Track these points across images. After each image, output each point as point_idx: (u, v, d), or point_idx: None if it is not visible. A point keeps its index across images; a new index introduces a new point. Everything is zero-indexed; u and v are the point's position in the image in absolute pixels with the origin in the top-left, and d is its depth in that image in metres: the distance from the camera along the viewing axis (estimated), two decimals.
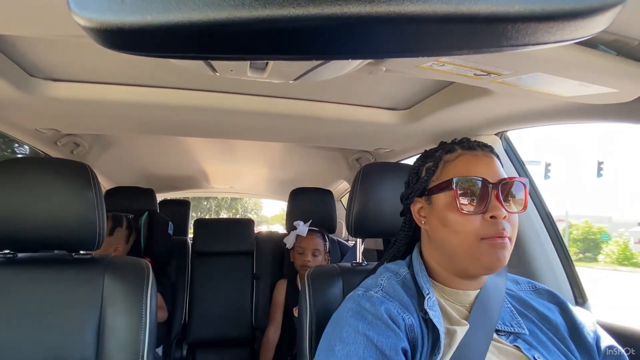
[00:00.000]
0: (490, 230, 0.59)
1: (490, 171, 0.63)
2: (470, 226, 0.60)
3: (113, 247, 1.43)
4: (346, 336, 0.58)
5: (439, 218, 0.64)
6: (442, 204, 0.64)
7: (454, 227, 0.62)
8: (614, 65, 0.61)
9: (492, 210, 0.60)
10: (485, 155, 0.65)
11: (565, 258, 1.15)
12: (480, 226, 0.60)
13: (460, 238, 0.61)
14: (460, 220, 0.61)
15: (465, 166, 0.64)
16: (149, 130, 1.36)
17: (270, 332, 1.64)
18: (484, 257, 0.59)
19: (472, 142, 0.68)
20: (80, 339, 0.77)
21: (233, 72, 0.60)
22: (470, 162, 0.64)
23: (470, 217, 0.60)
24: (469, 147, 0.67)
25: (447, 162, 0.66)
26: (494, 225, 0.59)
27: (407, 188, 0.74)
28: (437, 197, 0.65)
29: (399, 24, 0.22)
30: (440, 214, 0.64)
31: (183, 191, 3.12)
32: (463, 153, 0.66)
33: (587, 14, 0.23)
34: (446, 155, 0.67)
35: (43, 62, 0.89)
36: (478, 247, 0.60)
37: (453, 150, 0.67)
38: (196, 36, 0.23)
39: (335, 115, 1.14)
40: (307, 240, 1.63)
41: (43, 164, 0.83)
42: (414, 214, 0.71)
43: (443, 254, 0.66)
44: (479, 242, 0.60)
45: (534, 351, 0.61)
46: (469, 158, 0.65)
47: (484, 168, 0.63)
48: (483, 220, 0.60)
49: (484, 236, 0.60)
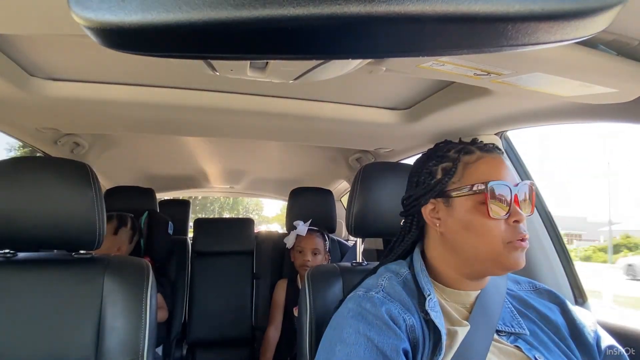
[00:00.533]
0: (515, 235, 0.60)
1: (508, 174, 0.64)
2: (497, 230, 0.61)
3: (117, 246, 1.43)
4: (347, 337, 0.58)
5: (460, 221, 0.64)
6: (465, 207, 0.63)
7: (479, 230, 0.62)
8: (614, 65, 0.61)
9: (515, 215, 0.61)
10: (503, 159, 0.66)
11: (565, 258, 1.15)
12: (505, 230, 0.61)
13: (485, 242, 0.61)
14: (488, 225, 0.61)
15: (488, 170, 0.63)
16: (149, 130, 1.36)
17: (270, 331, 1.64)
18: (509, 261, 0.60)
19: (488, 144, 0.68)
20: (79, 338, 0.77)
21: (233, 71, 0.60)
22: (493, 166, 0.64)
23: (498, 222, 0.61)
24: (486, 149, 0.66)
25: (468, 164, 0.65)
26: (517, 229, 0.61)
27: (417, 188, 0.70)
28: (459, 200, 0.64)
29: (399, 24, 0.22)
30: (463, 217, 0.63)
31: (183, 191, 3.12)
32: (482, 156, 0.65)
33: (587, 14, 0.23)
34: (465, 157, 0.66)
35: (43, 62, 0.89)
36: (504, 250, 0.60)
37: (471, 152, 0.66)
38: (196, 35, 0.23)
39: (336, 115, 1.14)
40: (306, 239, 1.63)
41: (43, 163, 0.83)
42: (425, 216, 0.69)
43: (460, 257, 0.65)
44: (505, 246, 0.61)
45: (534, 351, 0.61)
46: (489, 161, 0.65)
47: (504, 171, 0.64)
48: (507, 225, 0.61)
49: (509, 240, 0.60)
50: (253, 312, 1.87)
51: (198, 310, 1.84)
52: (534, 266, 1.14)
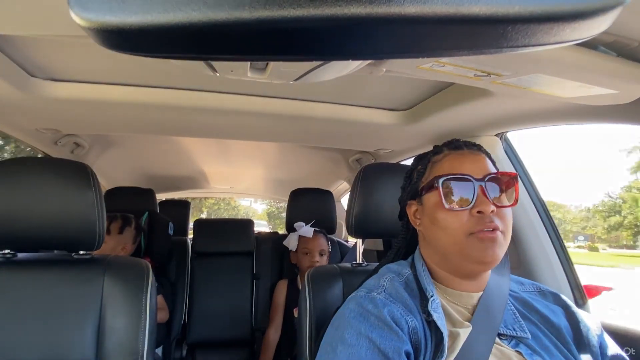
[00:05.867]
0: (478, 225, 0.60)
1: (475, 167, 0.63)
2: (457, 222, 0.61)
3: (121, 245, 1.44)
4: (348, 338, 0.58)
5: (429, 217, 0.66)
6: (430, 203, 0.66)
7: (442, 224, 0.63)
8: (614, 67, 0.61)
9: (479, 205, 0.60)
10: (472, 153, 0.66)
11: (565, 259, 1.15)
12: (467, 222, 0.61)
13: (448, 234, 0.62)
14: (446, 217, 0.62)
15: (450, 165, 0.65)
16: (149, 131, 1.36)
17: (270, 332, 1.64)
18: (474, 252, 0.60)
19: (460, 142, 0.69)
20: (79, 339, 0.77)
21: (233, 72, 0.60)
22: (456, 160, 0.65)
23: (457, 213, 0.61)
24: (455, 146, 0.68)
25: (435, 162, 0.68)
26: (481, 220, 0.60)
27: (402, 192, 0.76)
28: (426, 197, 0.67)
29: (399, 25, 0.22)
30: (430, 213, 0.66)
31: (183, 191, 3.12)
32: (449, 153, 0.68)
33: (588, 15, 0.23)
34: (434, 157, 0.69)
35: (43, 62, 0.89)
36: (466, 242, 0.60)
37: (440, 152, 0.69)
38: (196, 37, 0.23)
39: (336, 116, 1.14)
40: (312, 241, 1.64)
41: (43, 164, 0.83)
42: (409, 217, 0.73)
43: (437, 253, 0.66)
44: (467, 238, 0.60)
45: (536, 356, 0.60)
46: (454, 157, 0.66)
47: (470, 165, 0.64)
48: (470, 216, 0.61)
49: (471, 231, 0.60)
50: (253, 313, 1.87)
51: (198, 311, 1.84)
52: (534, 266, 1.14)
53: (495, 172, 0.64)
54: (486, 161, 0.66)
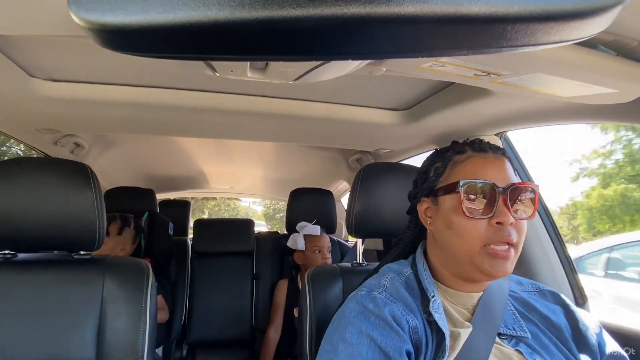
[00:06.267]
0: (495, 237, 0.58)
1: (500, 175, 0.61)
2: (474, 231, 0.59)
3: (121, 246, 1.43)
4: (349, 336, 0.58)
5: (444, 220, 0.63)
6: (448, 206, 0.63)
7: (458, 230, 0.60)
8: (614, 66, 0.61)
9: (499, 216, 0.58)
10: (496, 158, 0.63)
11: (565, 258, 1.15)
12: (485, 232, 0.59)
13: (463, 242, 0.60)
14: (465, 224, 0.60)
15: (474, 168, 0.62)
16: (149, 131, 1.36)
17: (270, 332, 1.64)
18: (484, 265, 0.58)
19: (484, 144, 0.66)
20: (80, 339, 0.77)
21: (233, 72, 0.60)
22: (480, 165, 0.62)
23: (476, 222, 0.59)
24: (480, 149, 0.65)
25: (456, 163, 0.65)
26: (499, 232, 0.58)
27: (415, 187, 0.73)
28: (443, 198, 0.64)
29: (398, 25, 0.22)
30: (446, 216, 0.63)
31: (183, 191, 3.11)
32: (473, 155, 0.64)
33: (587, 15, 0.23)
34: (456, 156, 0.66)
35: (43, 62, 0.89)
36: (480, 254, 0.59)
37: (463, 152, 0.65)
38: (196, 37, 0.23)
39: (335, 116, 1.14)
40: (322, 238, 1.65)
41: (43, 164, 0.83)
42: (420, 214, 0.70)
43: (446, 256, 0.65)
44: (482, 249, 0.59)
45: (535, 355, 0.60)
46: (478, 160, 0.63)
47: (494, 171, 0.61)
48: (489, 226, 0.59)
49: (488, 242, 0.58)
50: (253, 313, 1.87)
51: (198, 311, 1.84)
52: (534, 266, 1.14)
53: (518, 182, 0.61)
54: (509, 168, 0.63)
